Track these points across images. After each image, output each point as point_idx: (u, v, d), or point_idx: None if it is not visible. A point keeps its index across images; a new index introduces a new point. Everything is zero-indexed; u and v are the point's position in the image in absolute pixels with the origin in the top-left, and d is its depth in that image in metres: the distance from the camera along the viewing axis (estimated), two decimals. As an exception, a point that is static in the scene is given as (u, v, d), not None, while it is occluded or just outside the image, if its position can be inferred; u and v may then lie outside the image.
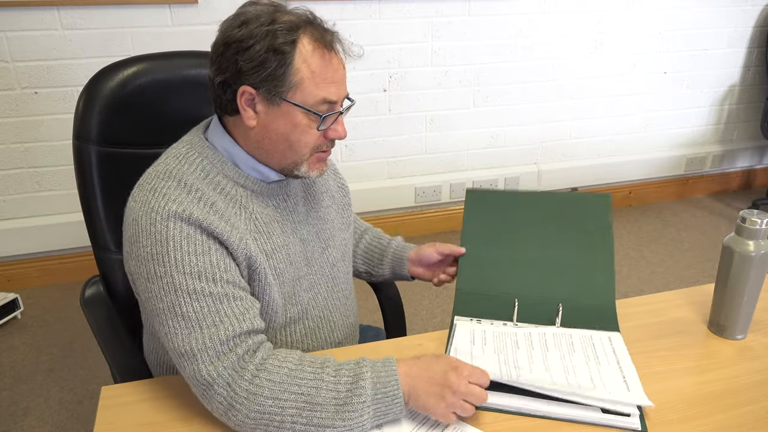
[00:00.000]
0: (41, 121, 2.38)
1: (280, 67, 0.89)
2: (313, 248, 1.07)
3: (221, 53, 0.91)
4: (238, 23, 0.90)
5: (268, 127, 0.94)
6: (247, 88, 0.91)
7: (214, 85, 0.94)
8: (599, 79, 3.04)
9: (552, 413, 0.90)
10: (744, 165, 3.54)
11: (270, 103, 0.92)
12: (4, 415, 1.89)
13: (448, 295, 2.51)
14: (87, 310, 1.15)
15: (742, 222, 1.02)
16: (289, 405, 0.84)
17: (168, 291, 0.87)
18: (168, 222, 0.88)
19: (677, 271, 2.75)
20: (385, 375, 0.86)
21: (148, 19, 2.34)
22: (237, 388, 0.84)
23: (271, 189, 1.01)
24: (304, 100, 0.91)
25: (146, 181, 0.94)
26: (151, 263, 0.88)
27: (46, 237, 2.51)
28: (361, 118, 2.76)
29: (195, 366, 0.86)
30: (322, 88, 0.92)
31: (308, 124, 0.93)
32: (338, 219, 1.15)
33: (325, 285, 1.09)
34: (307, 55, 0.90)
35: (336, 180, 1.21)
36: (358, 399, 0.84)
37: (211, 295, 0.88)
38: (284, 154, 0.96)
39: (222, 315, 0.87)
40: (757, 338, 1.09)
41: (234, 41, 0.89)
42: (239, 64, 0.89)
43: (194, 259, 0.88)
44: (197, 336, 0.86)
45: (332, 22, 0.97)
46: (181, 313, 0.87)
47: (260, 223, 0.98)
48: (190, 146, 0.98)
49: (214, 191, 0.94)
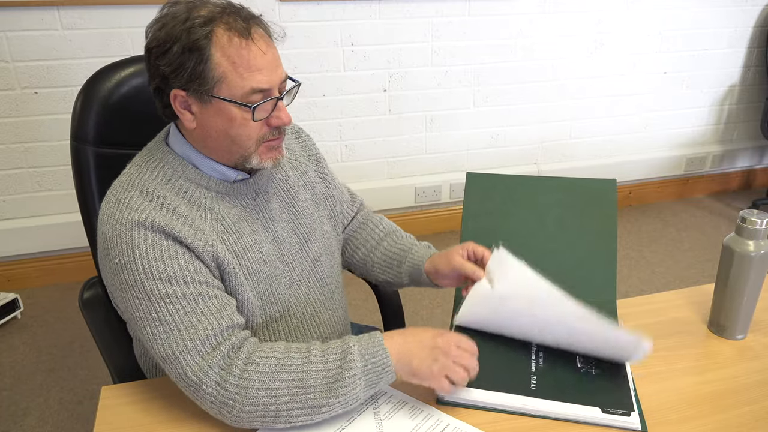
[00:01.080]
0: (41, 121, 2.38)
1: (199, 65, 0.87)
2: (290, 245, 1.06)
3: (147, 60, 0.92)
4: (159, 26, 0.90)
5: (207, 126, 0.93)
6: (177, 92, 0.90)
7: (152, 93, 0.94)
8: (599, 79, 3.04)
9: (552, 413, 0.90)
10: (744, 165, 3.54)
11: (201, 102, 0.91)
12: (4, 415, 1.89)
13: (449, 294, 2.50)
14: (86, 312, 1.15)
15: (742, 222, 1.02)
16: (281, 393, 0.84)
17: (142, 299, 0.87)
18: (132, 231, 0.88)
19: (677, 271, 2.75)
20: (372, 346, 0.88)
21: (148, 19, 2.32)
22: (227, 385, 0.84)
23: (236, 188, 1.00)
24: (232, 94, 0.89)
25: (111, 194, 0.94)
26: (122, 273, 0.88)
27: (46, 237, 2.51)
28: (361, 118, 2.76)
29: (180, 368, 0.86)
30: (247, 78, 0.89)
31: (243, 116, 0.91)
32: (319, 212, 1.13)
33: (306, 281, 1.08)
34: (224, 46, 0.88)
35: (318, 170, 1.17)
36: (349, 373, 0.85)
37: (184, 296, 0.88)
38: (230, 150, 0.95)
39: (199, 314, 0.88)
40: (757, 338, 1.09)
41: (153, 46, 0.89)
42: (161, 69, 0.89)
43: (161, 264, 0.88)
44: (176, 339, 0.86)
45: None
46: (158, 318, 0.87)
47: (228, 223, 0.97)
48: (151, 154, 0.98)
49: (177, 196, 0.94)
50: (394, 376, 0.88)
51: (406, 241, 1.20)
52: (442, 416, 0.89)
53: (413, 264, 1.14)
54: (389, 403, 0.92)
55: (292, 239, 1.07)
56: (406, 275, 1.16)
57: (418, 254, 1.15)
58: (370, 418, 0.89)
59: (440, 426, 0.88)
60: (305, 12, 2.42)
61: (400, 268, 1.17)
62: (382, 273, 1.21)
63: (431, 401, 0.93)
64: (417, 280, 1.15)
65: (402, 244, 1.20)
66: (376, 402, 0.92)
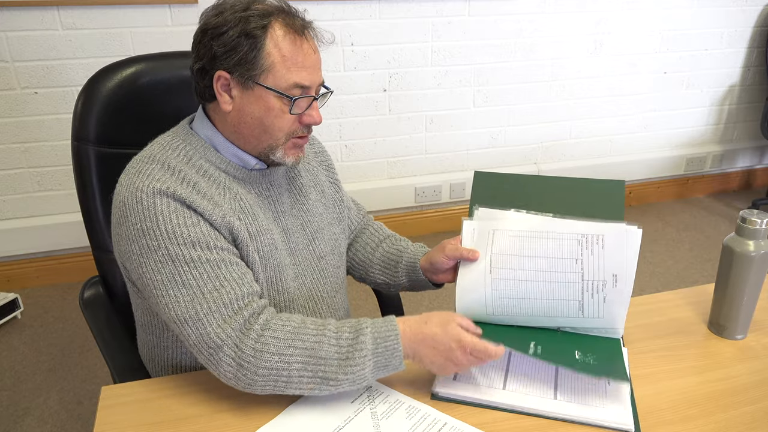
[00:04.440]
0: (41, 121, 2.38)
1: (252, 51, 0.92)
2: (298, 239, 1.08)
3: (199, 41, 0.96)
4: (216, 12, 0.94)
5: (243, 111, 0.96)
6: (222, 73, 0.94)
7: (194, 73, 0.98)
8: (599, 79, 3.04)
9: (551, 413, 0.90)
10: (744, 165, 3.54)
11: (244, 87, 0.95)
12: (4, 415, 1.89)
13: (449, 294, 2.50)
14: (86, 312, 1.15)
15: (742, 222, 1.02)
16: (294, 360, 0.87)
17: (165, 262, 0.89)
18: (155, 198, 0.90)
19: (677, 271, 2.75)
20: (386, 330, 0.90)
21: (148, 19, 2.34)
22: (244, 347, 0.87)
23: (253, 176, 1.03)
24: (276, 84, 0.94)
25: (131, 166, 0.97)
26: (143, 238, 0.90)
27: (46, 237, 2.51)
28: (361, 118, 2.76)
29: (203, 330, 0.88)
30: (293, 72, 0.94)
31: (281, 108, 0.96)
32: (328, 213, 1.16)
33: (311, 276, 1.10)
34: (278, 39, 0.93)
35: (329, 175, 1.21)
36: (360, 353, 0.88)
37: (208, 261, 0.90)
38: (259, 138, 0.98)
39: (222, 279, 0.90)
40: (757, 338, 1.09)
41: (210, 28, 0.94)
42: (213, 49, 0.93)
43: (185, 230, 0.90)
44: (200, 301, 0.88)
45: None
46: (182, 282, 0.89)
47: (245, 204, 1.00)
48: (175, 134, 1.02)
49: (197, 174, 0.97)
50: (402, 362, 0.90)
51: (403, 243, 1.24)
52: (440, 416, 0.90)
53: (409, 262, 1.17)
54: (386, 402, 0.92)
55: (300, 234, 1.09)
56: (403, 274, 1.18)
57: (413, 253, 1.19)
58: (367, 418, 0.89)
59: (437, 425, 0.88)
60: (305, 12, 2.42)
61: (397, 268, 1.19)
62: (381, 274, 1.22)
63: (427, 399, 0.93)
64: (414, 279, 1.17)
65: (399, 245, 1.23)
66: (373, 402, 0.92)
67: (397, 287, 1.22)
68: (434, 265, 1.11)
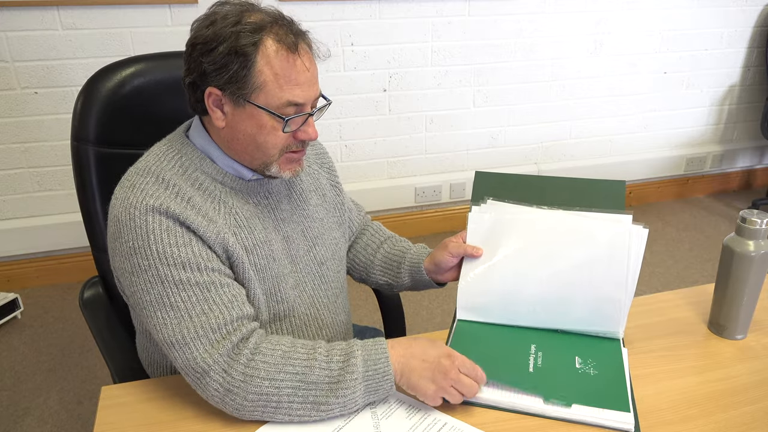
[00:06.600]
0: (41, 121, 2.38)
1: (242, 69, 0.88)
2: (298, 246, 1.07)
3: (189, 54, 0.92)
4: (207, 23, 0.90)
5: (236, 128, 0.94)
6: (213, 90, 0.91)
7: (185, 86, 0.95)
8: (599, 79, 3.04)
9: (551, 413, 0.90)
10: (744, 165, 3.54)
11: (236, 104, 0.92)
12: (4, 415, 1.89)
13: (448, 294, 2.50)
14: (86, 312, 1.15)
15: (742, 222, 1.02)
16: (284, 385, 0.86)
17: (154, 282, 0.88)
18: (147, 216, 0.89)
19: (677, 271, 2.75)
20: (376, 353, 0.89)
21: (148, 19, 2.34)
22: (233, 373, 0.86)
23: (250, 186, 1.01)
24: (268, 103, 0.91)
25: (126, 179, 0.95)
26: (135, 257, 0.89)
27: (46, 237, 2.51)
28: (361, 118, 2.76)
29: (189, 354, 0.87)
30: (286, 91, 0.90)
31: (273, 126, 0.93)
32: (328, 218, 1.15)
33: (311, 283, 1.09)
34: (270, 56, 0.89)
35: (330, 178, 1.19)
36: (351, 376, 0.86)
37: (197, 284, 0.89)
38: (253, 155, 0.96)
39: (211, 303, 0.89)
40: (757, 338, 1.09)
41: (200, 42, 0.90)
42: (203, 65, 0.90)
43: (176, 250, 0.89)
44: (188, 325, 0.87)
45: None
46: (169, 304, 0.88)
47: (240, 218, 0.98)
48: (170, 144, 0.99)
49: (192, 187, 0.95)
50: (393, 385, 0.89)
51: (404, 244, 1.23)
52: (440, 415, 0.90)
53: (413, 262, 1.16)
54: (386, 402, 0.92)
55: (300, 240, 1.08)
56: (407, 274, 1.18)
57: (416, 253, 1.18)
58: (368, 418, 0.89)
59: (437, 425, 0.88)
60: (305, 12, 2.42)
61: (400, 269, 1.19)
62: (383, 275, 1.22)
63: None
64: (417, 279, 1.17)
65: (401, 246, 1.22)
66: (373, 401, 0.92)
67: (399, 287, 1.22)
68: (438, 264, 1.11)
